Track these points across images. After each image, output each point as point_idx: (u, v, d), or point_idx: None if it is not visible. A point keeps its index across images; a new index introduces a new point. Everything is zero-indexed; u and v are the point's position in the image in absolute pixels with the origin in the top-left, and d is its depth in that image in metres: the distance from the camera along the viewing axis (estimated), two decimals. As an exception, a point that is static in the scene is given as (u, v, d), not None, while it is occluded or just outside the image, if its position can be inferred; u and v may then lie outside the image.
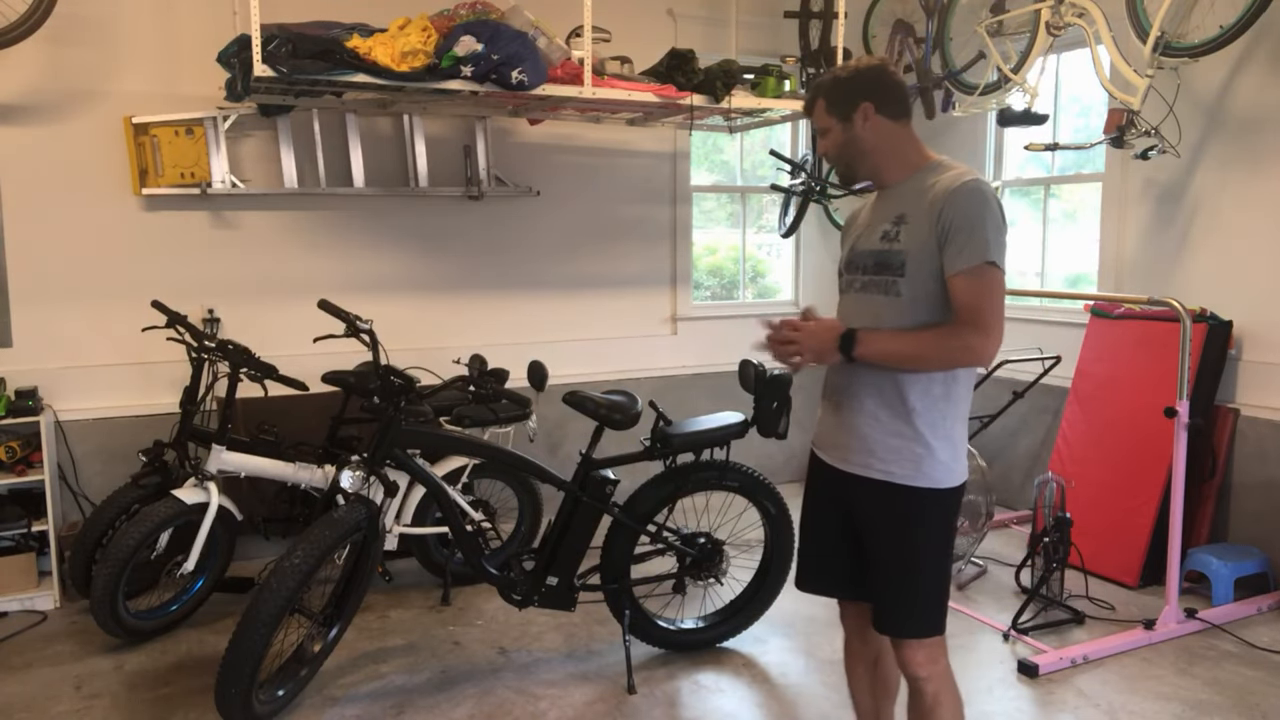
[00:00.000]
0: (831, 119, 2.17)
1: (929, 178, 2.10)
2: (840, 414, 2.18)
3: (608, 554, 3.28)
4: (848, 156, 2.20)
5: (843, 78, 2.17)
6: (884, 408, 2.10)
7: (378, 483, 3.00)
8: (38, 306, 4.06)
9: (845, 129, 2.16)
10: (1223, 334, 4.03)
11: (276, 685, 2.97)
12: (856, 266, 2.20)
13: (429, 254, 4.76)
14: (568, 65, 3.91)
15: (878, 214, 2.20)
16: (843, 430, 2.18)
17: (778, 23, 5.26)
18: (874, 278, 2.13)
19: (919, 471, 2.09)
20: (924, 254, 2.04)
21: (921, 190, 2.09)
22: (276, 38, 3.42)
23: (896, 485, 2.10)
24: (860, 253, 2.19)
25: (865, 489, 2.14)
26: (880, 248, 2.12)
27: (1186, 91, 4.14)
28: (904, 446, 2.09)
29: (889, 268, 2.09)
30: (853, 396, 2.14)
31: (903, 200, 2.13)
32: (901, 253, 2.07)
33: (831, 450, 2.22)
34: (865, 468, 2.14)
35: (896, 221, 2.11)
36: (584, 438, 3.39)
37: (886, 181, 2.19)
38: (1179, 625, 3.57)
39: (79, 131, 4.04)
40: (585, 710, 3.05)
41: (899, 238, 2.08)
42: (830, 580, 2.33)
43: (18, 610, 3.78)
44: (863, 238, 2.20)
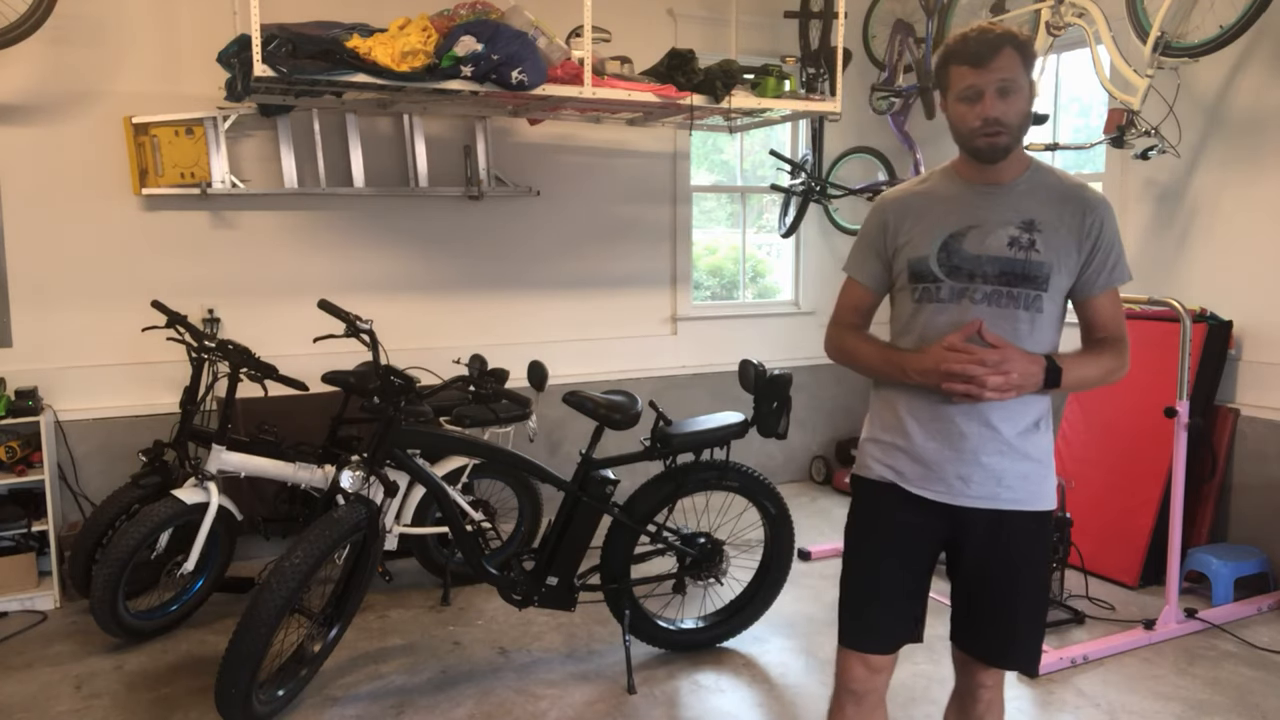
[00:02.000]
0: (1025, 77, 1.86)
1: (1049, 180, 1.94)
2: (962, 445, 1.93)
3: (608, 554, 3.28)
4: (1022, 131, 1.90)
5: (1030, 36, 1.93)
6: (1016, 433, 1.93)
7: (378, 483, 3.00)
8: (38, 306, 4.06)
9: (1030, 98, 1.89)
10: (1223, 334, 4.03)
11: (276, 685, 2.97)
12: (965, 272, 1.91)
13: (429, 254, 4.76)
14: (568, 65, 3.91)
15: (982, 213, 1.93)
16: (960, 462, 1.94)
17: (778, 23, 5.26)
18: (1004, 289, 1.89)
19: (1042, 492, 1.98)
20: (1065, 268, 1.90)
21: (1048, 194, 1.92)
22: (276, 38, 3.42)
23: (1028, 512, 1.96)
24: (972, 256, 1.91)
25: (988, 521, 1.96)
26: (1011, 255, 1.89)
27: (1186, 91, 4.14)
28: (1031, 470, 1.95)
29: (1029, 280, 1.88)
30: (983, 424, 1.92)
31: (1024, 201, 1.92)
32: (1044, 265, 1.88)
33: (935, 483, 1.97)
34: (992, 499, 1.94)
35: (1027, 228, 1.89)
36: (584, 438, 3.39)
37: (1004, 175, 1.94)
38: (1179, 625, 3.57)
39: (79, 131, 4.05)
40: (585, 710, 3.05)
41: (1037, 247, 1.88)
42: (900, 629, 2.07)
43: (18, 610, 3.78)
44: (968, 239, 1.92)
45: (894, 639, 2.06)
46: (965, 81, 1.85)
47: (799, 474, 5.85)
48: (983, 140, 1.87)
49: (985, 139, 1.86)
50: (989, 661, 2.06)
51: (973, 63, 1.84)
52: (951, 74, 1.88)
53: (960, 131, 1.90)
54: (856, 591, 2.08)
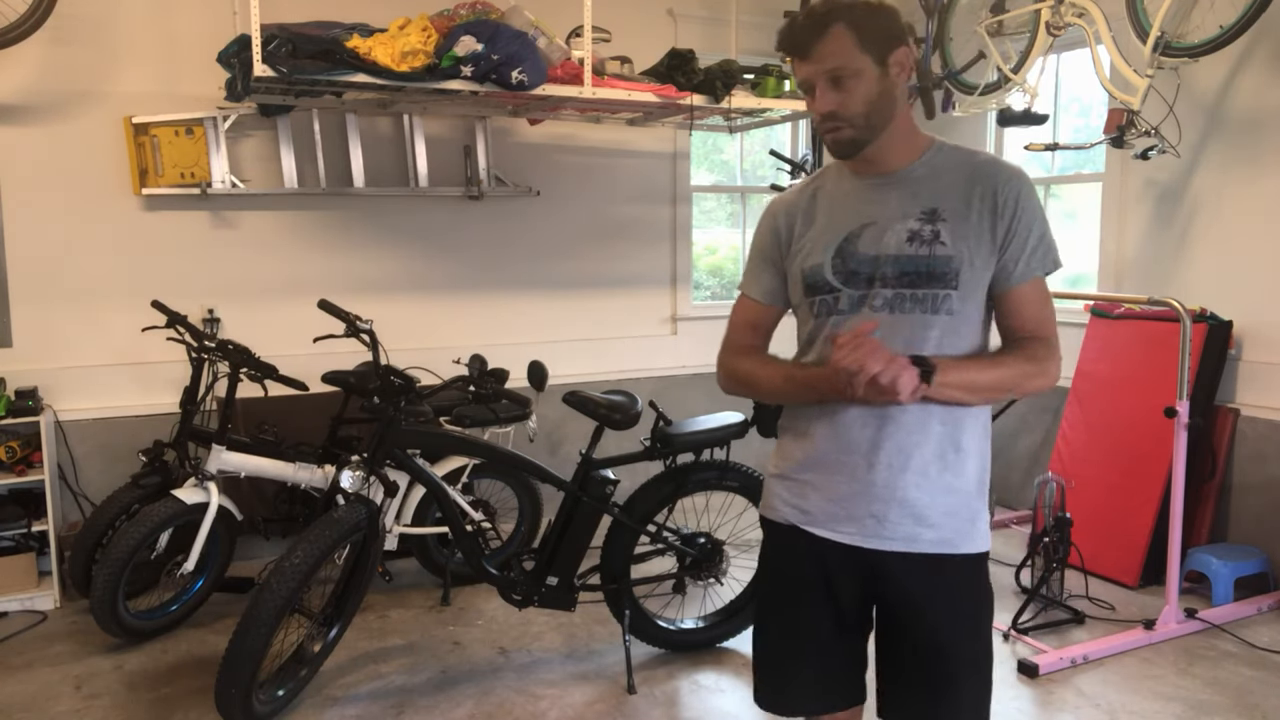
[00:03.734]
0: (866, 59, 1.57)
1: (953, 161, 1.67)
2: (873, 473, 1.65)
3: (608, 554, 3.28)
4: (878, 118, 1.61)
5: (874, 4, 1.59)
6: (935, 459, 1.64)
7: (378, 483, 3.00)
8: (38, 306, 4.06)
9: (882, 77, 1.59)
10: (1223, 334, 4.03)
11: (276, 685, 2.97)
12: (864, 277, 1.65)
13: (429, 254, 4.76)
14: (568, 65, 3.91)
15: (876, 208, 1.67)
16: (873, 496, 1.66)
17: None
18: (907, 291, 1.62)
19: (974, 531, 1.67)
20: (978, 260, 1.62)
21: (952, 177, 1.65)
22: (276, 38, 3.42)
23: (954, 557, 1.66)
24: (869, 258, 1.64)
25: (908, 568, 1.66)
26: (912, 252, 1.62)
27: (1186, 91, 4.14)
28: (958, 505, 1.66)
29: (935, 278, 1.61)
30: (893, 451, 1.64)
31: (923, 189, 1.65)
32: (952, 259, 1.60)
33: (845, 524, 1.68)
34: (911, 540, 1.65)
35: (928, 218, 1.62)
36: (584, 438, 3.38)
37: (890, 164, 1.68)
38: (1179, 625, 3.57)
39: (79, 131, 4.04)
40: (585, 710, 3.05)
41: (942, 239, 1.61)
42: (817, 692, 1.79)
43: (18, 610, 3.78)
44: (863, 239, 1.66)
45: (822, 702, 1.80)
46: (798, 75, 1.63)
47: (799, 474, 5.84)
48: (826, 136, 1.65)
49: (828, 134, 1.64)
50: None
51: (798, 53, 1.61)
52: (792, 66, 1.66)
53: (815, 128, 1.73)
54: (768, 651, 1.82)
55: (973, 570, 1.69)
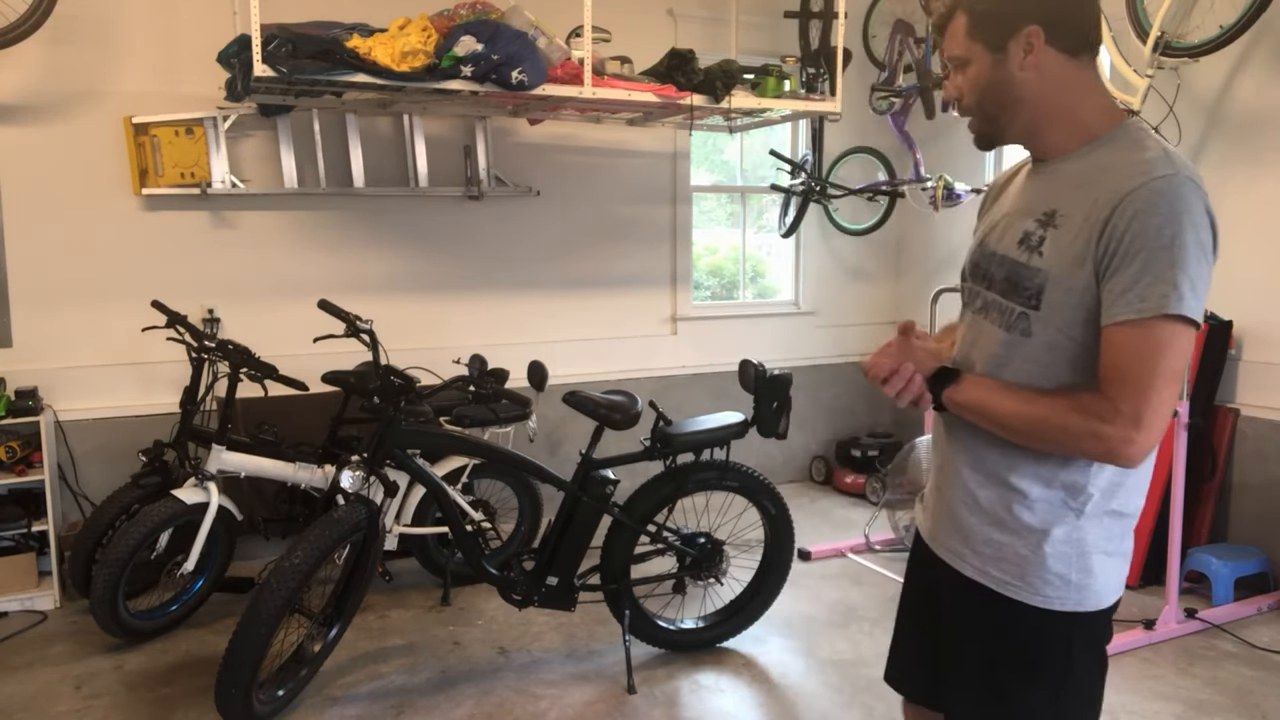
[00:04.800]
0: (976, 46, 1.45)
1: (1106, 158, 1.40)
2: (938, 477, 1.60)
3: (608, 554, 3.28)
4: (992, 106, 1.47)
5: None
6: (983, 486, 1.50)
7: (378, 483, 3.00)
8: (38, 306, 4.06)
9: (996, 64, 1.44)
10: (1223, 334, 4.03)
11: (276, 685, 2.97)
12: (982, 274, 1.52)
13: (429, 254, 4.76)
14: (568, 65, 3.91)
15: (1024, 199, 1.50)
16: (938, 500, 1.61)
17: (778, 23, 5.25)
18: (1000, 299, 1.47)
19: (1023, 581, 1.47)
20: (1073, 283, 1.37)
21: (1089, 177, 1.40)
22: (276, 38, 3.42)
23: (995, 594, 1.50)
24: (991, 255, 1.51)
25: (956, 585, 1.56)
26: (1016, 256, 1.45)
27: (1186, 91, 4.14)
28: (1006, 542, 1.48)
29: (1020, 291, 1.43)
30: (949, 461, 1.56)
31: (1060, 187, 1.44)
32: (1040, 274, 1.40)
33: (927, 519, 1.67)
34: (958, 557, 1.55)
35: (1045, 221, 1.42)
36: (584, 438, 3.38)
37: (1045, 152, 1.48)
38: (1179, 625, 3.57)
39: (79, 131, 4.04)
40: (585, 710, 3.05)
41: (1042, 248, 1.41)
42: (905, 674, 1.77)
43: (18, 610, 3.78)
44: (998, 232, 1.52)
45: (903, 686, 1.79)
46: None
47: (799, 474, 5.84)
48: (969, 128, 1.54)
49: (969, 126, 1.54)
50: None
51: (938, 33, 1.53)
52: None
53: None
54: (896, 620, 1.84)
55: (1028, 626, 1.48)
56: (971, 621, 1.55)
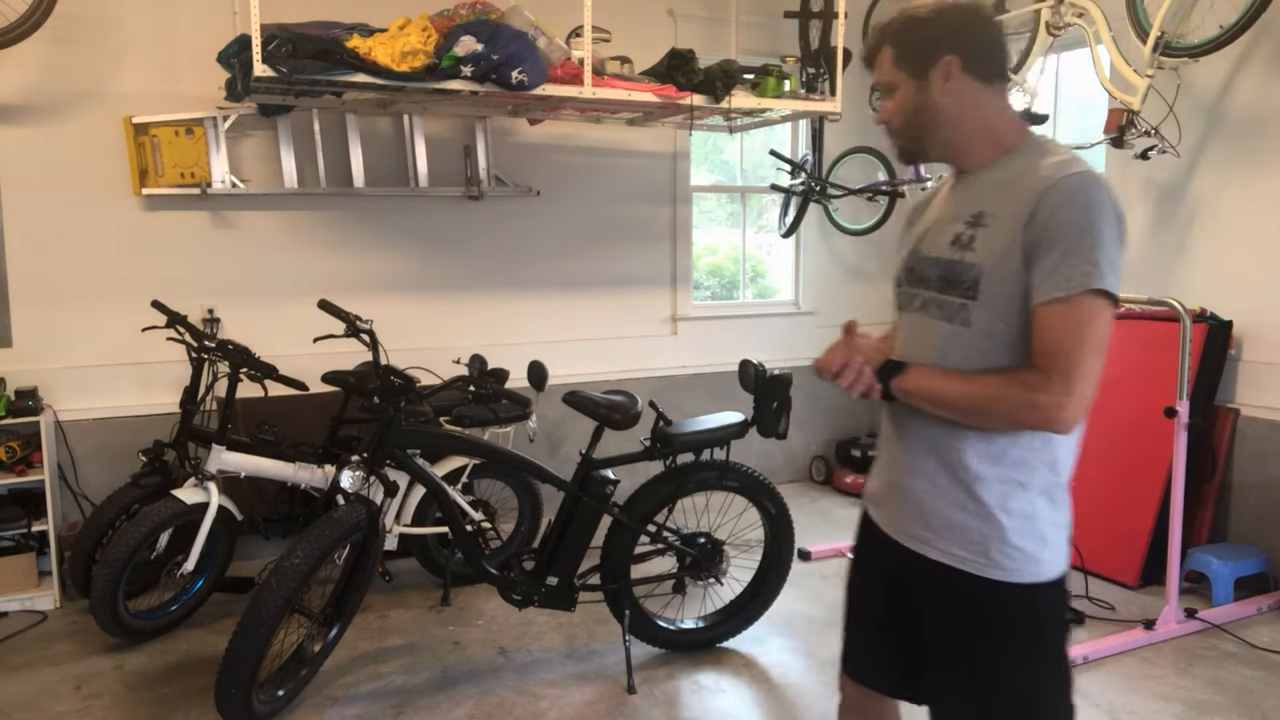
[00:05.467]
0: (901, 74, 1.65)
1: (1021, 164, 1.60)
2: (892, 470, 1.72)
3: (608, 554, 3.28)
4: (917, 128, 1.67)
5: (920, 18, 1.64)
6: (943, 470, 1.63)
7: (378, 483, 3.00)
8: (38, 306, 4.06)
9: (919, 90, 1.64)
10: (1223, 334, 4.03)
11: (276, 685, 2.97)
12: (917, 277, 1.70)
13: (429, 254, 4.76)
14: (568, 65, 3.91)
15: (950, 207, 1.69)
16: (895, 491, 1.71)
17: (778, 23, 5.25)
18: (938, 296, 1.64)
19: (986, 557, 1.59)
20: (1005, 272, 1.54)
21: (1009, 181, 1.59)
22: (276, 38, 3.42)
23: (961, 573, 1.61)
24: (924, 259, 1.69)
25: (923, 570, 1.66)
26: (949, 256, 1.62)
27: (1186, 91, 4.14)
28: (966, 522, 1.60)
29: (957, 285, 1.60)
30: (906, 450, 1.68)
31: (983, 193, 1.63)
32: (974, 267, 1.57)
33: (883, 510, 1.76)
34: (920, 542, 1.66)
35: (973, 222, 1.61)
36: (584, 438, 3.38)
37: (966, 164, 1.68)
38: (1179, 625, 3.57)
39: (79, 131, 4.04)
40: (585, 710, 3.05)
41: (973, 245, 1.58)
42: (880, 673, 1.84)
43: (18, 610, 3.78)
44: (929, 238, 1.70)
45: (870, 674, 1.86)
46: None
47: (799, 474, 5.84)
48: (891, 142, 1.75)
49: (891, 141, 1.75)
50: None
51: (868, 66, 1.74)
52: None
53: None
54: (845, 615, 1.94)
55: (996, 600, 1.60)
56: (941, 603, 1.65)
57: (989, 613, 1.61)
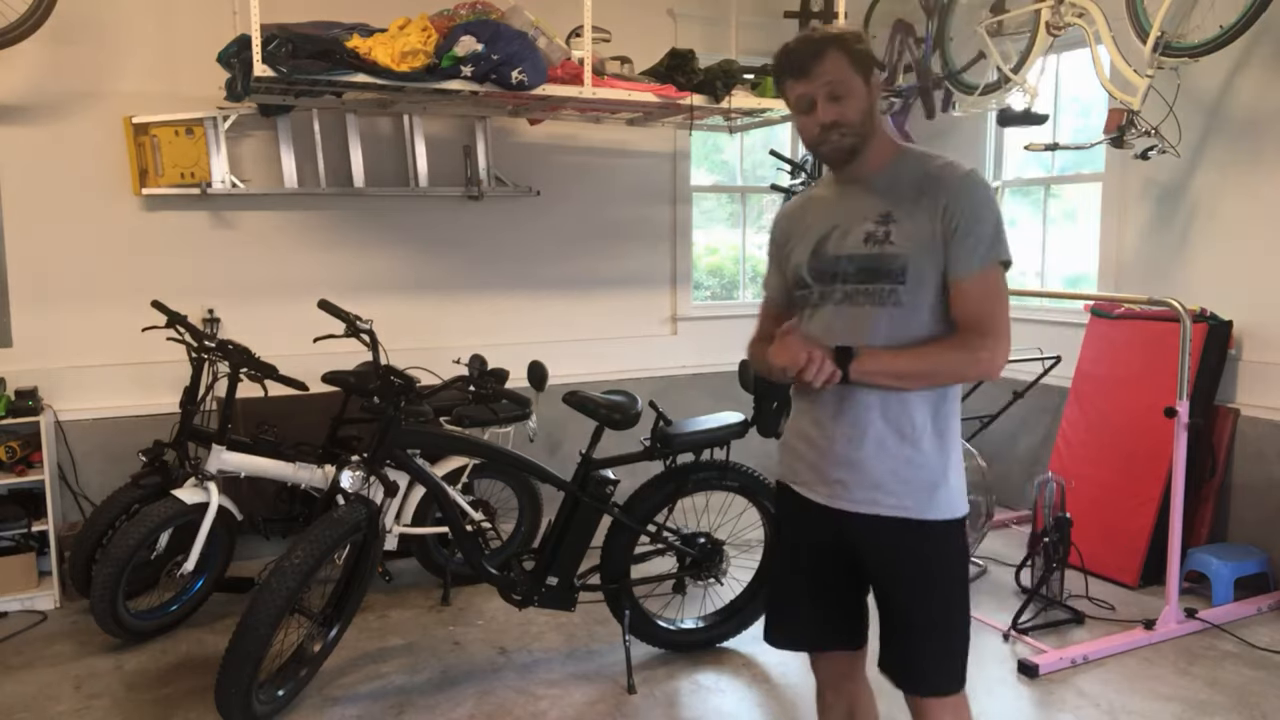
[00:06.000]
0: (856, 79, 1.81)
1: (910, 167, 1.86)
2: (833, 446, 1.90)
3: (608, 554, 3.28)
4: (867, 129, 1.84)
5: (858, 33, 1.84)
6: (891, 434, 1.84)
7: (378, 483, 3.00)
8: (38, 306, 4.06)
9: (868, 93, 1.83)
10: (1223, 334, 4.03)
11: (276, 685, 2.97)
12: (829, 275, 1.89)
13: (429, 254, 4.76)
14: (568, 65, 3.91)
15: (845, 212, 1.90)
16: (837, 464, 1.90)
17: (778, 23, 5.25)
18: (861, 287, 1.84)
19: (933, 502, 1.85)
20: (926, 256, 1.80)
21: (906, 182, 1.84)
22: (276, 38, 3.42)
23: (912, 521, 1.85)
24: (832, 258, 1.88)
25: (872, 529, 1.88)
26: (867, 251, 1.83)
27: (1186, 91, 4.14)
28: (915, 475, 1.85)
29: (884, 275, 1.81)
30: (851, 424, 1.87)
31: (881, 194, 1.86)
32: (900, 256, 1.80)
33: (819, 487, 1.94)
34: (871, 504, 1.87)
35: (883, 220, 1.83)
36: (584, 438, 3.38)
37: (865, 170, 1.89)
38: (1179, 625, 3.57)
39: (79, 131, 4.04)
40: (585, 710, 3.05)
41: (891, 239, 1.81)
42: (811, 632, 2.06)
43: (18, 610, 3.78)
44: (831, 241, 1.90)
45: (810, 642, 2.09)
46: (796, 93, 1.85)
47: (799, 474, 5.84)
48: (825, 147, 1.86)
49: (828, 145, 1.85)
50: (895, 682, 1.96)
51: (797, 74, 1.83)
52: (785, 88, 1.87)
53: (807, 142, 1.89)
54: (771, 594, 2.16)
55: (936, 536, 1.87)
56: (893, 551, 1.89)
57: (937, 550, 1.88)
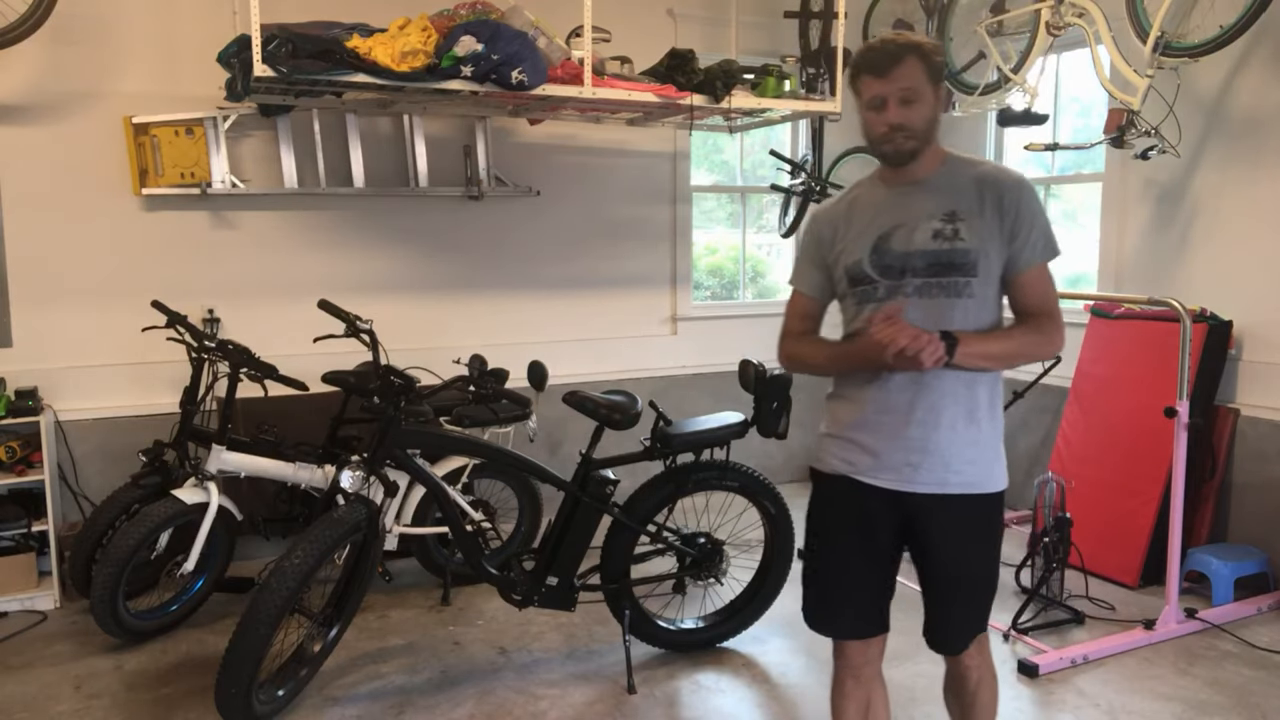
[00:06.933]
0: (929, 86, 1.97)
1: (964, 170, 2.03)
2: (909, 430, 2.02)
3: (608, 554, 3.28)
4: (929, 135, 2.01)
5: (935, 45, 2.01)
6: (961, 417, 2.01)
7: (378, 483, 3.00)
8: (38, 306, 4.06)
9: (935, 102, 1.99)
10: (1223, 334, 4.03)
11: (276, 685, 2.97)
12: (897, 270, 2.00)
13: (429, 254, 4.76)
14: (568, 65, 3.91)
15: (905, 211, 2.02)
16: (909, 449, 2.02)
17: (778, 23, 5.25)
18: (933, 280, 1.98)
19: (991, 476, 2.07)
20: (993, 251, 1.98)
21: (965, 184, 2.01)
22: (276, 38, 3.42)
23: (976, 496, 2.05)
24: (900, 254, 2.00)
25: (940, 506, 2.04)
26: (936, 247, 1.98)
27: (1186, 91, 4.14)
28: (979, 454, 2.04)
29: (956, 268, 1.97)
30: (927, 410, 2.01)
31: (942, 195, 2.01)
32: (971, 251, 1.96)
33: (886, 472, 2.06)
34: (941, 484, 2.03)
35: (949, 219, 1.98)
36: (584, 438, 3.38)
37: (920, 173, 2.04)
38: (1179, 625, 3.57)
39: (79, 131, 4.04)
40: (585, 710, 3.05)
41: (961, 235, 1.97)
42: (859, 616, 2.17)
43: (18, 610, 3.78)
44: (895, 238, 2.01)
45: (856, 628, 2.17)
46: (871, 91, 1.97)
47: (799, 474, 5.84)
48: (888, 146, 1.99)
49: (890, 144, 1.99)
50: (932, 646, 2.17)
51: (876, 73, 1.95)
52: (860, 83, 1.99)
53: (870, 138, 2.02)
54: (817, 583, 2.21)
55: (991, 506, 2.09)
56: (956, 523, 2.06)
57: (991, 516, 2.10)
